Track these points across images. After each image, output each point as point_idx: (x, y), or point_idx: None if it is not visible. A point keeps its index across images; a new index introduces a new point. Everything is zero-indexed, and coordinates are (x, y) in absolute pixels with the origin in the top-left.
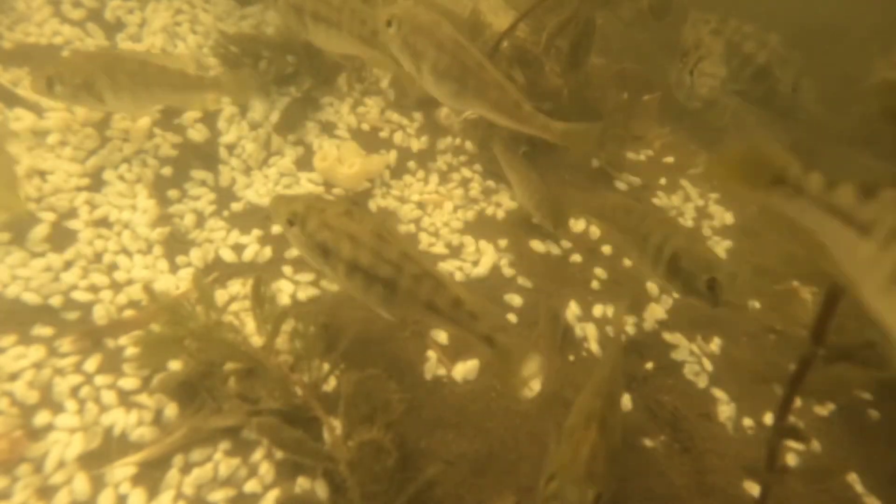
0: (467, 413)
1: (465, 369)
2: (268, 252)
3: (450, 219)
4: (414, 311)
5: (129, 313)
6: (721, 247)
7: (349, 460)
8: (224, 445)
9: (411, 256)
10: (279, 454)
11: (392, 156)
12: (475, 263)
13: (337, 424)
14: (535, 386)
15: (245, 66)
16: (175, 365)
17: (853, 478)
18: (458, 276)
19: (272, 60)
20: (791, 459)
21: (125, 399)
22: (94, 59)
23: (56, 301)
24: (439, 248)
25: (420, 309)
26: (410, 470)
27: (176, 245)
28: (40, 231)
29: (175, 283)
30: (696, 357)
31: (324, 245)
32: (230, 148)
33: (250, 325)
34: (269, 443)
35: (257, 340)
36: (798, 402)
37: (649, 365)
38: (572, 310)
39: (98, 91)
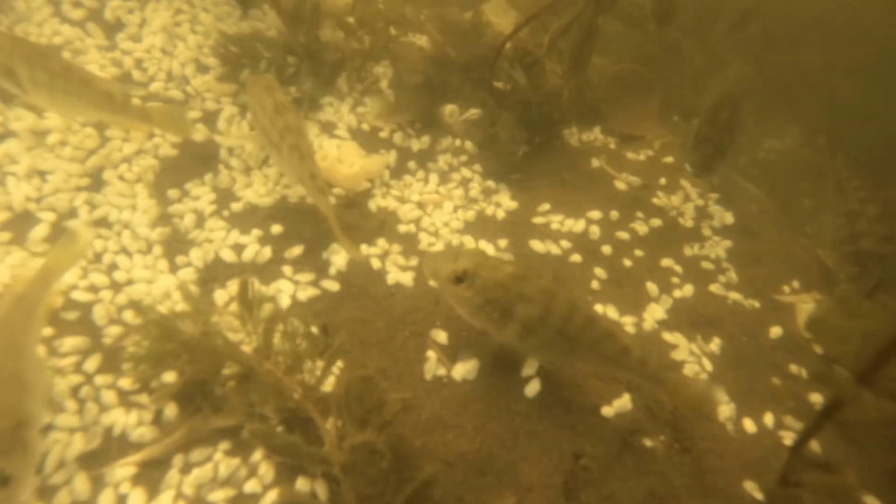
0: (467, 413)
1: (465, 369)
2: (267, 252)
3: (450, 219)
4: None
5: (128, 314)
6: (721, 247)
7: (343, 463)
8: (224, 445)
9: None
10: None
11: (392, 156)
12: None
13: (331, 427)
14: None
15: (178, 103)
16: (169, 377)
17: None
18: None
19: (272, 61)
20: None
21: (125, 399)
22: (18, 46)
23: (56, 301)
24: (439, 248)
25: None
26: (410, 470)
27: (176, 245)
28: (40, 231)
29: (175, 283)
30: (696, 357)
31: None
32: (230, 148)
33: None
34: (263, 449)
35: (254, 342)
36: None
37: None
38: None
39: (19, 78)
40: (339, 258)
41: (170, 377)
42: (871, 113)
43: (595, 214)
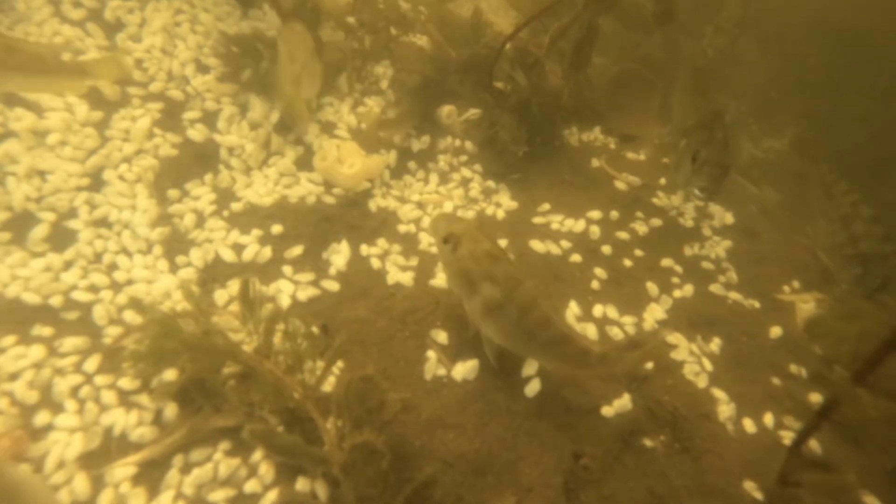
0: (467, 413)
1: (465, 369)
2: (267, 252)
3: None
4: None
5: (128, 314)
6: (721, 247)
7: (343, 463)
8: (224, 445)
9: None
10: None
11: (392, 156)
12: None
13: (331, 427)
14: (535, 386)
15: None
16: (170, 375)
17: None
18: None
19: (273, 60)
20: None
21: (125, 399)
22: None
23: (56, 301)
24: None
25: None
26: (410, 470)
27: (176, 245)
28: (40, 231)
29: (175, 283)
30: (696, 357)
31: None
32: (230, 148)
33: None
34: (263, 449)
35: (255, 342)
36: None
37: (649, 365)
38: (572, 310)
39: None
40: (339, 258)
41: (170, 375)
42: (860, 114)
43: (595, 214)
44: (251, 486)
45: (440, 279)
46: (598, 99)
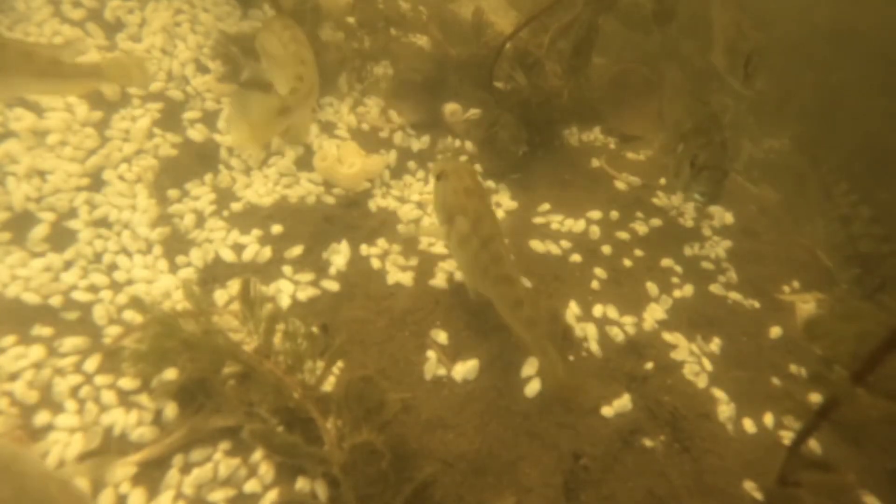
0: (467, 413)
1: (465, 369)
2: (267, 252)
3: None
4: None
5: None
6: (721, 247)
7: (343, 463)
8: (224, 445)
9: None
10: None
11: (392, 156)
12: None
13: (331, 427)
14: (535, 386)
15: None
16: (170, 374)
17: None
18: (458, 275)
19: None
20: None
21: (125, 399)
22: None
23: (56, 301)
24: (439, 248)
25: None
26: (410, 470)
27: (176, 245)
28: (40, 231)
29: (175, 283)
30: (695, 357)
31: None
32: (230, 148)
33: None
34: (262, 449)
35: (255, 342)
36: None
37: (649, 365)
38: (572, 310)
39: None
40: (339, 258)
41: (170, 375)
42: (859, 116)
43: (595, 214)
44: (251, 486)
45: (440, 279)
46: (598, 99)
